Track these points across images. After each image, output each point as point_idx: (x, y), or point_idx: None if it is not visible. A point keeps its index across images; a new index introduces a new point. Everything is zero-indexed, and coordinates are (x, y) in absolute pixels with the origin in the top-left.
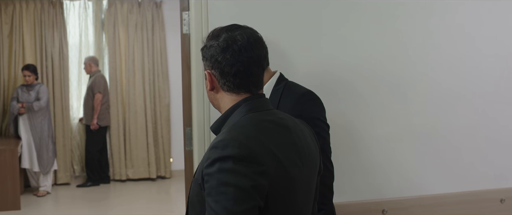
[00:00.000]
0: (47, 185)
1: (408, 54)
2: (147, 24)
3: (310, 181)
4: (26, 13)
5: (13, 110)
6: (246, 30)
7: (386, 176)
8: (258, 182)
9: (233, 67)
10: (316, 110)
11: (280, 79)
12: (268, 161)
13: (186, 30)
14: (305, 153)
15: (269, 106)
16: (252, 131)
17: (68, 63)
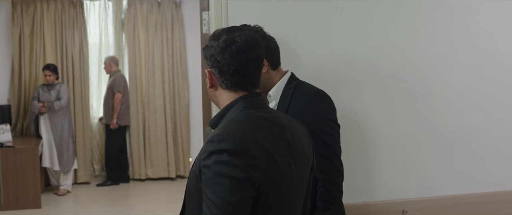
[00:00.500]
0: (68, 184)
1: (427, 54)
2: (166, 24)
3: (302, 177)
4: (47, 13)
5: (34, 109)
6: (245, 32)
7: (405, 176)
8: (251, 175)
9: (231, 67)
10: (327, 109)
11: (291, 78)
12: (260, 155)
13: (206, 30)
14: (297, 150)
15: (264, 104)
16: (246, 127)
17: (88, 63)
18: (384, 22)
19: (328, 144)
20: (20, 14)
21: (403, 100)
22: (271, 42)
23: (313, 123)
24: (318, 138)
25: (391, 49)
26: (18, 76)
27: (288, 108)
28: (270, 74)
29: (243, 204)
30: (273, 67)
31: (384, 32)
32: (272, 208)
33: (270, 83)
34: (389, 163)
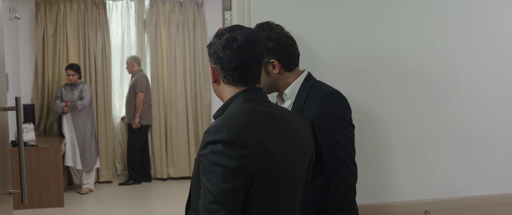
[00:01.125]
0: (90, 183)
1: (446, 53)
2: (188, 24)
3: (299, 169)
4: (70, 13)
5: (57, 108)
6: (246, 30)
7: (428, 176)
8: (243, 164)
9: (232, 63)
10: (341, 109)
11: (307, 78)
12: (254, 146)
13: None
14: (295, 142)
15: (264, 98)
16: (242, 119)
17: (111, 62)
18: (403, 21)
19: (342, 144)
20: (44, 14)
21: (423, 100)
22: (288, 44)
23: (327, 123)
24: (332, 138)
25: (410, 49)
26: (42, 76)
27: (303, 107)
28: (283, 75)
29: (236, 191)
30: (287, 68)
31: (404, 31)
32: (267, 197)
33: (281, 83)
34: (410, 163)
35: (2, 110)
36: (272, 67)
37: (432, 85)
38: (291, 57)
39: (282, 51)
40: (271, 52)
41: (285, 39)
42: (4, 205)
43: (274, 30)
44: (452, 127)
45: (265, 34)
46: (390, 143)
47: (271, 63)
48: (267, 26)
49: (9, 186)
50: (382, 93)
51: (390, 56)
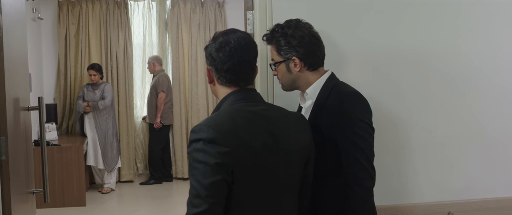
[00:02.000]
0: (111, 182)
1: (467, 54)
2: (209, 24)
3: (289, 167)
4: (92, 13)
5: (79, 108)
6: (239, 34)
7: (451, 178)
8: (222, 160)
9: (225, 65)
10: (359, 111)
11: (330, 79)
12: (233, 144)
13: (251, 29)
14: (284, 141)
15: (255, 98)
16: (225, 118)
17: (132, 62)
18: (423, 21)
19: (360, 146)
20: (66, 14)
21: (444, 100)
22: (312, 43)
23: (346, 124)
24: (351, 140)
25: (431, 49)
26: (64, 75)
27: (324, 107)
28: (305, 74)
29: (216, 186)
30: (309, 67)
31: (424, 31)
32: (250, 192)
33: (303, 81)
34: (432, 164)
35: (25, 110)
36: (294, 65)
37: (453, 85)
38: (314, 56)
39: (305, 49)
40: (293, 50)
41: (309, 38)
42: (27, 204)
43: (300, 28)
44: (474, 128)
45: (290, 31)
46: (411, 143)
47: (292, 60)
48: (294, 23)
49: (32, 185)
50: (403, 94)
51: (410, 56)
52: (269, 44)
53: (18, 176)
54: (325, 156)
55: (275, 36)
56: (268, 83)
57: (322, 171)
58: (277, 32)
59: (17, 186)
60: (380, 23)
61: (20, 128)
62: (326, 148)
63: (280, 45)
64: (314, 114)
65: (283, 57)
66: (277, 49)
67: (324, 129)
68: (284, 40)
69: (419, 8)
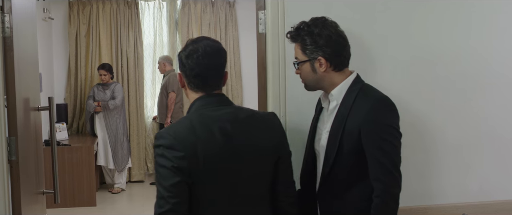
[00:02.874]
0: (122, 182)
1: (487, 56)
2: (220, 24)
3: (252, 165)
4: (103, 13)
5: (89, 108)
6: (207, 42)
7: (465, 179)
8: (178, 164)
9: (193, 71)
10: (389, 116)
11: (356, 81)
12: (188, 149)
13: (262, 29)
14: (244, 144)
15: (220, 103)
16: (185, 125)
17: (143, 62)
18: (446, 22)
19: (388, 152)
20: (77, 14)
21: (460, 102)
22: (338, 43)
23: (374, 130)
24: (378, 146)
25: (449, 51)
26: (74, 75)
27: (350, 110)
28: (330, 74)
29: (175, 187)
30: (335, 68)
31: (447, 32)
32: (211, 191)
33: (327, 82)
34: (448, 165)
35: (35, 110)
36: (319, 65)
37: (470, 88)
38: (340, 57)
39: (331, 49)
40: (319, 49)
41: (336, 38)
42: (37, 204)
43: (326, 27)
44: (490, 130)
45: (316, 30)
46: (426, 145)
47: (318, 60)
48: (320, 22)
49: (42, 185)
50: (420, 96)
51: (429, 59)
52: (293, 42)
53: (28, 176)
54: (350, 161)
55: (301, 35)
56: (280, 85)
57: (347, 176)
58: (302, 30)
59: (27, 186)
60: (395, 23)
61: (30, 128)
62: (352, 153)
63: (305, 44)
64: (340, 117)
65: (308, 56)
66: (302, 48)
67: (350, 133)
68: (310, 39)
69: (430, 9)
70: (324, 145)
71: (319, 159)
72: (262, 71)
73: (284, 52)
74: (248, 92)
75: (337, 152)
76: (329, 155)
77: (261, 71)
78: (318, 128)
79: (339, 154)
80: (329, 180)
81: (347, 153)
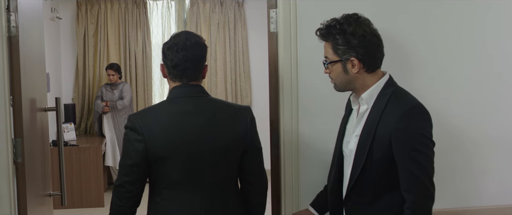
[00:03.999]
0: None
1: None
2: (229, 23)
3: (212, 151)
4: (111, 13)
5: (97, 108)
6: (188, 36)
7: (485, 182)
8: (135, 147)
9: (172, 62)
10: (423, 125)
11: (388, 83)
12: (148, 132)
13: (274, 28)
14: (207, 133)
15: (192, 94)
16: (150, 111)
17: (151, 62)
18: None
19: (420, 162)
20: (85, 14)
21: (498, 101)
22: (373, 43)
23: (406, 139)
24: (411, 156)
25: (482, 50)
26: (83, 75)
27: (381, 115)
28: (363, 76)
29: (133, 167)
30: (368, 69)
31: (473, 32)
32: (171, 173)
33: (359, 84)
34: (488, 167)
35: (42, 111)
36: (351, 66)
37: (488, 86)
38: (374, 57)
39: (365, 50)
40: (353, 50)
41: (370, 38)
42: (44, 206)
43: (360, 25)
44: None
45: (350, 28)
46: (465, 145)
47: (350, 61)
48: (353, 20)
49: (49, 187)
50: (456, 95)
51: (464, 58)
52: (324, 41)
53: (35, 178)
54: (380, 169)
55: (332, 33)
56: (292, 85)
57: (376, 184)
58: (334, 28)
59: (33, 188)
60: (413, 21)
61: (36, 129)
62: (382, 160)
63: (337, 43)
64: (370, 122)
65: (340, 57)
66: (333, 47)
67: (380, 140)
68: (343, 38)
69: (451, 6)
70: (352, 149)
71: (346, 161)
72: (274, 71)
73: (297, 52)
74: (257, 92)
75: (366, 159)
76: (358, 162)
77: (273, 72)
78: (348, 130)
79: (368, 161)
80: (357, 187)
81: (377, 161)
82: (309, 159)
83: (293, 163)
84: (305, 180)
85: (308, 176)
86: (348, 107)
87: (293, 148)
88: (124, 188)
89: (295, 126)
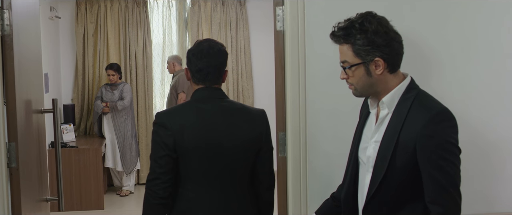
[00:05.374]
0: (130, 185)
1: None
2: (231, 23)
3: (230, 151)
4: (111, 12)
5: (97, 109)
6: (211, 43)
7: (505, 186)
8: (165, 141)
9: (196, 67)
10: (449, 132)
11: (410, 86)
12: (175, 128)
13: (280, 26)
14: (225, 132)
15: (214, 96)
16: (178, 109)
17: (152, 62)
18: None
19: (447, 171)
20: (84, 13)
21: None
22: (395, 41)
23: (432, 147)
24: (437, 165)
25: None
26: (82, 75)
27: (404, 121)
28: (386, 78)
29: (162, 159)
30: (391, 70)
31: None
32: (193, 168)
33: (382, 87)
34: (507, 170)
35: (38, 113)
36: (375, 67)
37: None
38: (397, 56)
39: (390, 48)
40: (377, 50)
41: (393, 35)
42: (41, 212)
43: (381, 23)
44: None
45: (372, 26)
46: (481, 148)
47: (375, 62)
48: (371, 17)
49: (45, 192)
50: (472, 96)
51: (480, 58)
52: (342, 44)
53: (30, 183)
54: (402, 178)
55: (352, 34)
56: (300, 86)
57: (398, 194)
58: (353, 28)
59: (29, 194)
60: (426, 19)
61: (32, 132)
62: (405, 169)
63: (359, 44)
64: (392, 128)
65: (363, 58)
66: (355, 49)
67: (403, 147)
68: (366, 38)
69: (466, 6)
70: (371, 156)
71: (363, 169)
72: (280, 71)
73: (304, 51)
74: (259, 92)
75: (388, 167)
76: (379, 169)
77: (279, 72)
78: (364, 135)
79: (390, 169)
80: (376, 197)
81: (399, 169)
82: (316, 162)
83: (301, 168)
84: (312, 184)
85: (315, 180)
86: (364, 111)
87: (301, 151)
88: (159, 179)
89: (303, 129)
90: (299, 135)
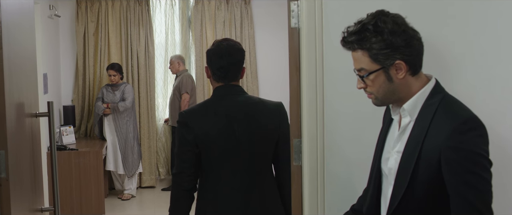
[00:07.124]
0: (132, 188)
1: None
2: (235, 21)
3: (251, 144)
4: (112, 11)
5: (98, 110)
6: (230, 43)
7: None
8: (187, 137)
9: (216, 65)
10: (479, 142)
11: (435, 90)
12: (196, 125)
13: (295, 23)
14: (244, 125)
15: (233, 92)
16: (199, 106)
17: (154, 62)
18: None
19: (477, 187)
20: (85, 12)
21: None
22: (415, 39)
23: (459, 159)
24: (464, 179)
25: None
26: (83, 76)
27: (428, 130)
28: (408, 81)
29: (186, 154)
30: (413, 72)
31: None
32: (215, 159)
33: (404, 92)
34: None
35: (32, 116)
36: (396, 71)
37: None
38: (419, 56)
39: (411, 49)
40: (397, 52)
41: (412, 33)
42: None
43: (397, 21)
44: None
45: (388, 26)
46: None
47: (395, 66)
48: (384, 15)
49: (40, 201)
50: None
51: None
52: (356, 49)
53: (23, 193)
54: (426, 193)
55: (366, 37)
56: (317, 87)
57: (421, 210)
58: (368, 31)
59: (21, 205)
60: (449, 19)
61: (25, 137)
62: (429, 183)
63: (376, 48)
64: (414, 138)
65: (381, 63)
66: (371, 54)
67: (427, 159)
68: (382, 41)
69: (488, 5)
70: (392, 168)
71: (386, 181)
72: (295, 72)
73: (322, 49)
74: (264, 92)
75: (410, 181)
76: (400, 183)
77: (294, 72)
78: (387, 144)
79: (412, 183)
80: (398, 213)
81: (423, 183)
82: (335, 170)
83: (319, 177)
84: (331, 195)
85: (334, 191)
86: (387, 117)
87: (319, 159)
88: (184, 173)
89: (321, 133)
90: (316, 140)
